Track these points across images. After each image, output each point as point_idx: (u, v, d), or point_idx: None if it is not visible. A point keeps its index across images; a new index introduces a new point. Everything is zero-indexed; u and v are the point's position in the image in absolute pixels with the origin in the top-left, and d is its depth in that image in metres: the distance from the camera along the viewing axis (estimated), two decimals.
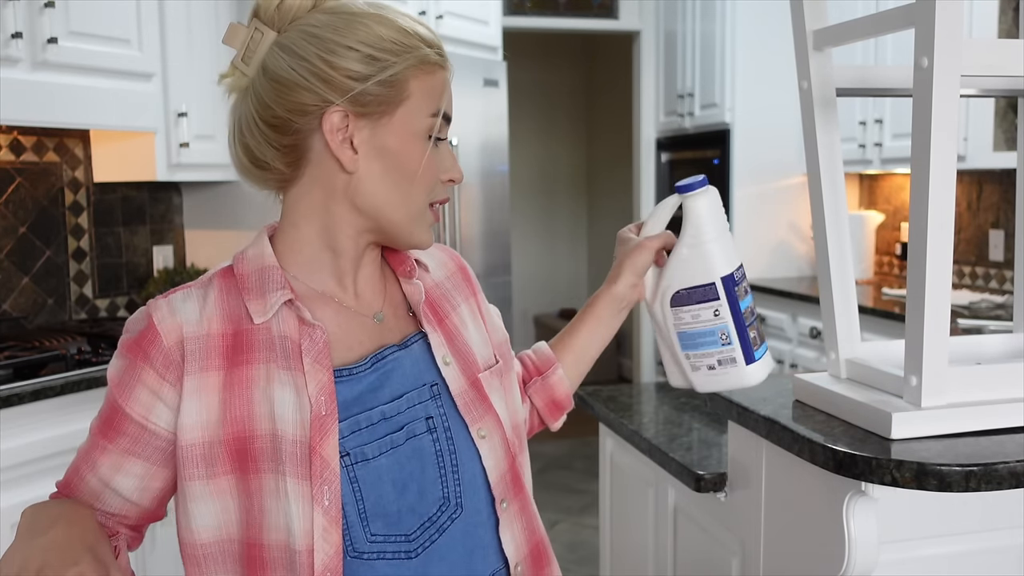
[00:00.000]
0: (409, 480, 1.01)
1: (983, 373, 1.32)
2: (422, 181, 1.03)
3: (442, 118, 1.04)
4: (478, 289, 1.22)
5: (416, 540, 1.00)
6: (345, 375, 1.01)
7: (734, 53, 4.58)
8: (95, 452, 1.04)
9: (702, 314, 1.27)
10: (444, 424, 1.05)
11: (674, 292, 1.28)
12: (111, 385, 1.03)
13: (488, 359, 1.14)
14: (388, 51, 0.99)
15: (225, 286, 1.04)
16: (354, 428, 0.99)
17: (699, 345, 1.29)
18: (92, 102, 2.76)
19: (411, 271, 1.11)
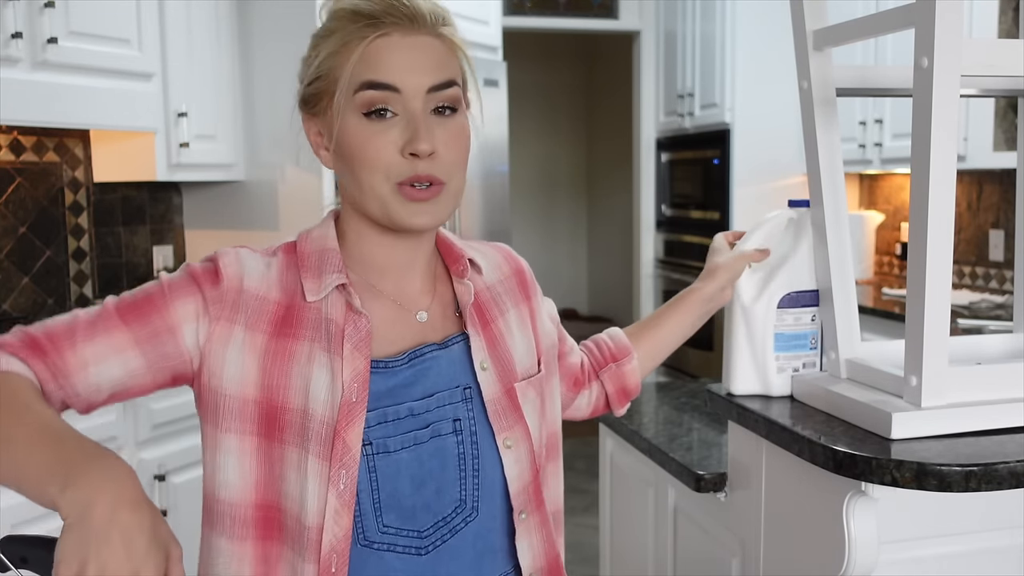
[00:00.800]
0: (428, 478, 1.01)
1: (983, 373, 1.32)
2: (371, 163, 0.98)
3: (379, 88, 0.97)
4: (534, 292, 1.19)
5: (428, 538, 1.01)
6: (381, 367, 1.01)
7: (734, 53, 4.58)
8: (103, 326, 0.98)
9: (803, 317, 1.46)
10: (471, 428, 1.04)
11: (784, 294, 1.44)
12: (161, 281, 1.01)
13: (529, 368, 1.12)
14: (315, 45, 1.03)
15: (287, 260, 1.05)
16: (380, 420, 1.00)
17: (793, 347, 1.46)
18: (92, 102, 2.76)
19: (463, 271, 1.10)
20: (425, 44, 0.99)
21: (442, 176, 1.00)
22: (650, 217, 5.46)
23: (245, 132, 3.37)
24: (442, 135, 0.99)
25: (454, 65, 1.02)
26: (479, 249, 1.17)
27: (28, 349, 0.96)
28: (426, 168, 0.98)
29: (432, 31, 1.00)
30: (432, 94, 0.99)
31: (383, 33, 0.98)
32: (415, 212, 0.99)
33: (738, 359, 1.48)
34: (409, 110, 0.98)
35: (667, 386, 2.37)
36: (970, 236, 3.96)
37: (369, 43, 0.97)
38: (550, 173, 7.40)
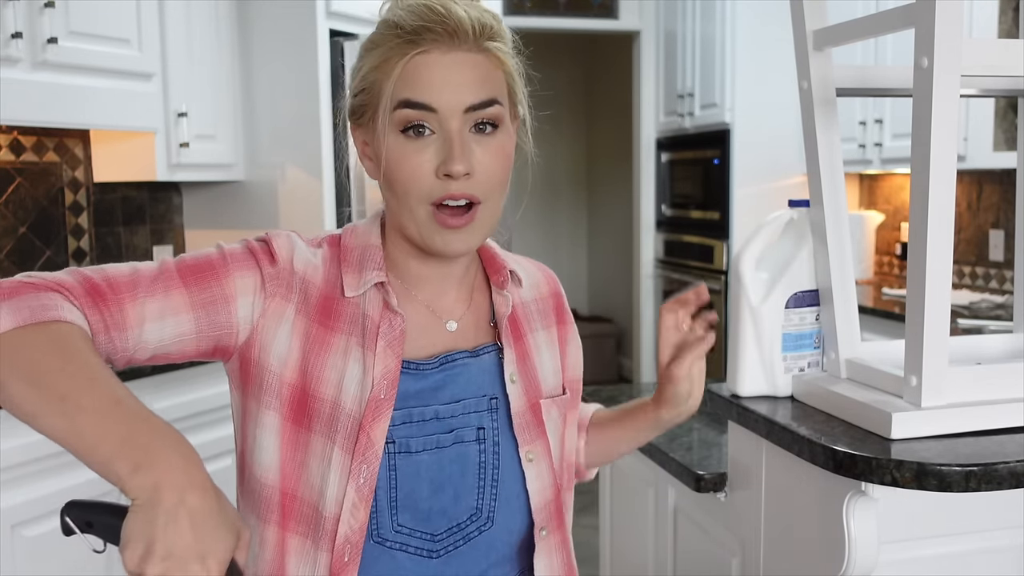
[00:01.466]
0: (446, 482, 1.02)
1: (983, 373, 1.32)
2: (406, 183, 0.97)
3: (415, 107, 0.95)
4: (567, 320, 1.18)
5: (441, 542, 1.02)
6: (412, 369, 1.03)
7: (734, 53, 4.58)
8: (164, 285, 0.95)
9: (808, 317, 1.47)
10: (495, 438, 1.05)
11: (792, 294, 1.46)
12: (223, 252, 1.00)
13: (554, 388, 1.13)
14: (361, 56, 1.01)
15: (330, 253, 1.06)
16: (405, 420, 1.01)
17: (799, 347, 1.47)
18: (92, 102, 2.76)
19: (503, 282, 1.09)
20: (465, 61, 0.97)
21: (479, 195, 0.98)
22: (650, 217, 5.46)
23: (245, 132, 3.37)
24: (480, 154, 0.98)
25: (498, 81, 1.00)
26: (521, 264, 1.17)
27: (88, 297, 0.91)
28: (460, 188, 0.96)
29: (475, 46, 0.97)
30: (471, 113, 0.97)
31: (423, 51, 0.96)
32: (449, 240, 0.99)
33: (745, 360, 1.48)
34: (446, 129, 0.96)
35: None
36: (970, 236, 3.96)
37: (408, 61, 0.96)
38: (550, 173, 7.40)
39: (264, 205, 3.38)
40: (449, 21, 0.95)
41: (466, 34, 0.96)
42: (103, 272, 0.95)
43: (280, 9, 3.24)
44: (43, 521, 2.35)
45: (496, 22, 1.01)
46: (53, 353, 0.84)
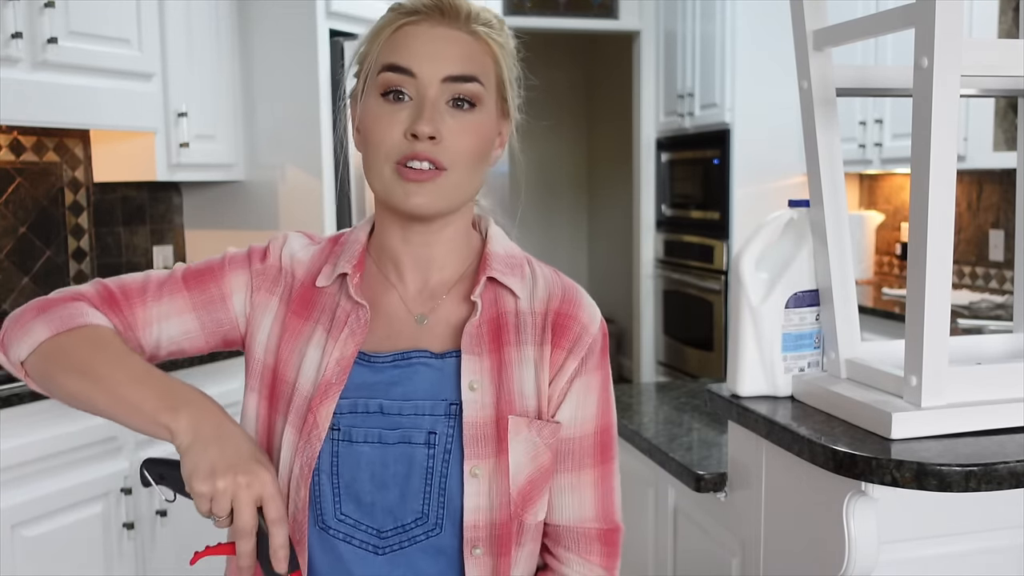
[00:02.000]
0: (391, 481, 1.02)
1: (983, 373, 1.33)
2: (377, 142, 1.00)
3: (396, 71, 1.00)
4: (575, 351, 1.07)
5: (387, 539, 1.02)
6: (365, 360, 1.05)
7: (734, 53, 4.58)
8: (169, 289, 1.09)
9: (808, 317, 1.47)
10: (447, 445, 1.02)
11: (792, 294, 1.46)
12: (225, 256, 1.12)
13: (533, 409, 1.05)
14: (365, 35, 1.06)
15: (327, 248, 1.13)
16: (351, 409, 1.03)
17: (799, 347, 1.47)
18: (92, 102, 2.76)
19: (475, 287, 1.06)
20: (452, 36, 1.01)
21: (444, 161, 0.99)
22: (650, 217, 5.46)
23: (245, 132, 3.37)
24: (453, 125, 1.00)
25: (483, 65, 1.02)
26: (537, 275, 1.11)
27: (106, 303, 1.07)
28: (425, 149, 0.98)
29: (464, 26, 1.02)
30: (448, 84, 1.00)
31: (411, 21, 1.01)
32: (410, 192, 1.00)
33: (745, 360, 1.48)
34: (422, 95, 0.99)
35: (667, 386, 2.37)
36: (970, 236, 3.96)
37: (396, 28, 1.01)
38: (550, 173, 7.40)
39: (264, 205, 3.38)
40: (445, 3, 1.01)
41: (457, 14, 1.01)
42: (120, 281, 1.10)
43: (280, 9, 3.24)
44: (43, 521, 2.35)
45: (496, 20, 1.05)
46: (87, 347, 1.01)
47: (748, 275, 1.49)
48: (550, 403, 1.06)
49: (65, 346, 1.01)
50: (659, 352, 5.47)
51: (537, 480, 1.05)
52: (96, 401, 0.99)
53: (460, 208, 1.06)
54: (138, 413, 0.97)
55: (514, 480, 1.02)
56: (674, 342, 5.24)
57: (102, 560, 2.49)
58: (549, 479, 1.07)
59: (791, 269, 1.46)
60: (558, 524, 1.10)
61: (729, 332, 1.53)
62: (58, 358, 1.01)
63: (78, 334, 1.01)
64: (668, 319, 5.30)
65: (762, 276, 1.48)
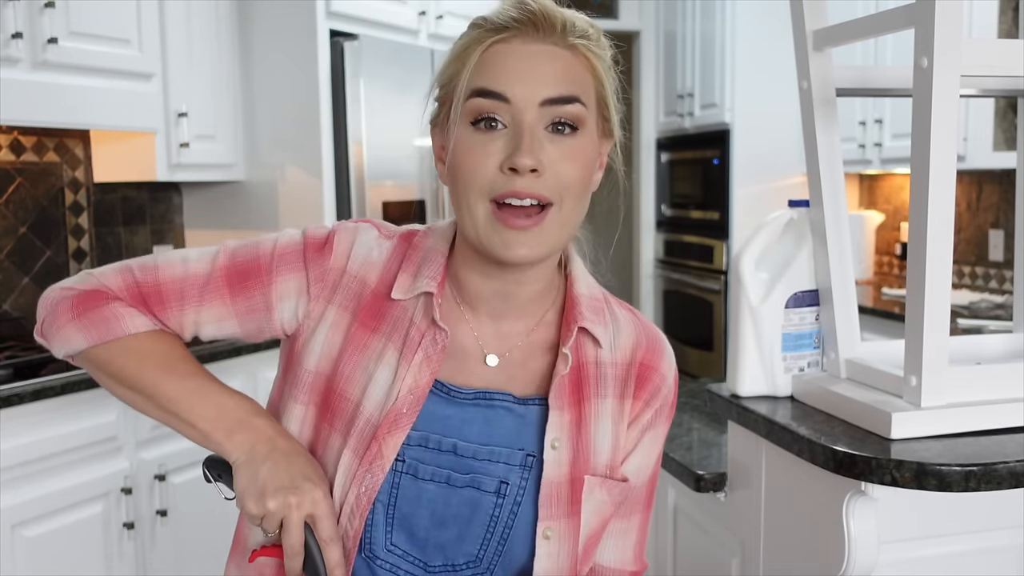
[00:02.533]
0: (451, 521, 0.97)
1: (983, 373, 1.32)
2: (468, 176, 0.89)
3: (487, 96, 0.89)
4: (652, 403, 1.03)
5: (434, 574, 0.98)
6: (443, 392, 0.97)
7: (734, 53, 4.58)
8: (211, 294, 1.00)
9: (808, 317, 1.47)
10: (517, 498, 0.97)
11: (792, 294, 1.46)
12: (276, 250, 1.01)
13: (606, 466, 1.01)
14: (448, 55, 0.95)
15: (398, 250, 1.01)
16: (422, 443, 0.96)
17: (799, 347, 1.48)
18: (92, 102, 2.76)
19: (567, 337, 0.98)
20: (548, 53, 0.90)
21: (548, 195, 0.89)
22: (650, 217, 5.46)
23: (245, 132, 3.37)
24: (553, 152, 0.89)
25: (583, 82, 0.92)
26: (617, 318, 1.05)
27: (141, 303, 1.00)
28: (526, 185, 0.88)
29: (561, 39, 0.91)
30: (547, 108, 0.89)
31: (502, 39, 0.90)
32: (510, 242, 0.89)
33: (745, 360, 1.48)
34: (518, 122, 0.89)
35: None
36: (970, 236, 3.96)
37: (485, 48, 0.90)
38: None
39: (264, 205, 3.37)
40: (537, 14, 0.90)
41: (552, 27, 0.90)
42: (156, 278, 1.00)
43: (280, 9, 3.24)
44: (43, 521, 2.35)
45: (594, 30, 0.94)
46: (132, 362, 0.98)
47: (748, 275, 1.49)
48: (621, 454, 1.03)
49: (108, 359, 0.99)
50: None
51: (597, 534, 1.03)
52: (148, 412, 1.00)
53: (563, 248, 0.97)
54: (192, 431, 0.97)
55: (582, 538, 0.99)
56: (674, 342, 5.22)
57: (102, 560, 2.49)
58: (604, 530, 1.04)
59: (791, 269, 1.46)
60: (597, 563, 1.07)
61: (729, 332, 1.53)
62: (102, 368, 1.00)
63: (119, 347, 0.98)
64: (668, 319, 5.30)
65: (762, 276, 1.48)
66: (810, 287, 1.47)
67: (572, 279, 1.02)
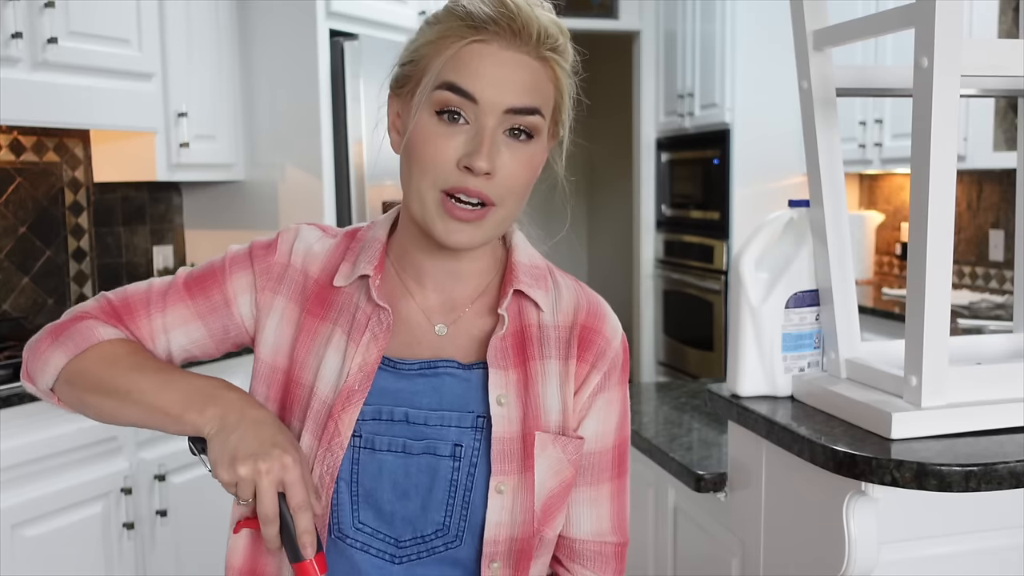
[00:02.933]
0: (413, 491, 1.00)
1: (983, 373, 1.33)
2: (425, 163, 0.94)
3: (457, 92, 0.93)
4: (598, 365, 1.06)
5: (405, 549, 1.00)
6: (391, 366, 1.02)
7: (734, 53, 4.58)
8: (172, 299, 1.07)
9: (808, 317, 1.47)
10: (472, 458, 1.00)
11: (792, 294, 1.46)
12: (226, 257, 1.08)
13: (558, 424, 1.03)
14: (420, 29, 1.00)
15: (343, 244, 1.07)
16: (375, 416, 1.01)
17: (799, 347, 1.47)
18: (92, 102, 2.76)
19: (502, 299, 1.03)
20: (520, 63, 0.95)
21: (493, 198, 0.95)
22: (650, 217, 5.46)
23: (245, 132, 3.37)
24: (507, 158, 0.95)
25: (546, 93, 0.97)
26: (560, 286, 1.09)
27: (112, 317, 1.06)
28: (477, 186, 0.94)
29: (534, 51, 0.95)
30: (510, 115, 0.94)
31: (482, 39, 0.94)
32: (452, 230, 0.95)
33: (745, 360, 1.48)
34: (481, 124, 0.94)
35: (667, 386, 2.37)
36: (970, 236, 3.96)
37: (464, 45, 0.94)
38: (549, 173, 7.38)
39: (264, 205, 3.37)
40: (517, 19, 0.94)
41: (529, 36, 0.95)
42: (123, 293, 1.08)
43: (280, 9, 3.24)
44: (43, 521, 2.35)
45: (563, 37, 0.98)
46: (105, 366, 1.01)
47: (748, 275, 1.49)
48: (573, 417, 1.05)
49: (84, 368, 1.01)
50: (659, 352, 5.46)
51: (559, 495, 1.04)
52: (127, 416, 1.01)
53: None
54: (168, 418, 0.98)
55: (538, 496, 1.02)
56: (674, 342, 5.24)
57: (102, 560, 2.49)
58: (569, 493, 1.07)
59: (791, 269, 1.46)
60: (575, 538, 1.09)
61: (729, 332, 1.53)
62: (81, 381, 1.02)
63: (93, 353, 1.02)
64: (668, 319, 5.30)
65: (762, 276, 1.48)
66: (810, 287, 1.47)
67: (512, 249, 1.08)
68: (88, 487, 2.45)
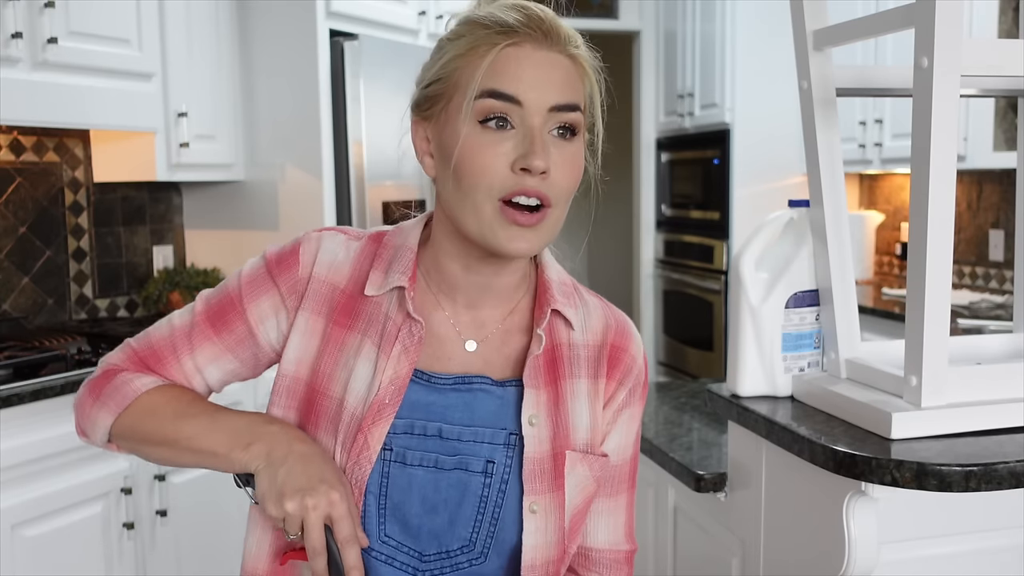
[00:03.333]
0: (442, 506, 1.00)
1: (983, 373, 1.32)
2: (478, 173, 0.92)
3: (501, 98, 0.92)
4: (622, 384, 1.08)
5: (429, 563, 1.00)
6: (424, 379, 1.01)
7: (734, 53, 4.58)
8: (198, 338, 1.06)
9: (808, 317, 1.47)
10: (504, 475, 1.00)
11: (792, 294, 1.46)
12: (241, 280, 1.06)
13: (585, 443, 1.05)
14: (440, 47, 0.99)
15: (368, 250, 1.05)
16: (407, 430, 0.99)
17: (799, 347, 1.47)
18: (92, 102, 2.76)
19: (540, 319, 1.03)
20: (555, 61, 0.95)
21: (551, 197, 0.94)
22: (650, 217, 5.46)
23: (245, 132, 3.37)
24: (558, 157, 0.94)
25: (581, 90, 0.98)
26: (587, 303, 1.09)
27: (141, 367, 1.06)
28: (536, 185, 0.93)
29: (565, 50, 0.96)
30: (554, 113, 0.94)
31: (514, 43, 0.94)
32: (514, 237, 0.94)
33: (745, 360, 1.48)
34: (528, 125, 0.93)
35: (667, 386, 2.37)
36: (970, 236, 3.96)
37: (500, 50, 0.93)
38: None
39: (264, 205, 3.37)
40: (545, 22, 0.95)
41: (558, 36, 0.96)
42: (148, 342, 1.07)
43: (280, 9, 3.24)
44: (43, 521, 2.35)
45: (582, 40, 1.00)
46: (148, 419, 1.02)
47: (748, 275, 1.49)
48: (599, 434, 1.07)
49: (131, 424, 1.03)
50: (659, 352, 5.46)
51: (583, 511, 1.06)
52: (182, 460, 1.02)
53: None
54: (216, 459, 0.98)
55: (567, 514, 1.03)
56: (674, 342, 5.24)
57: (102, 560, 2.49)
58: (589, 508, 1.08)
59: (791, 269, 1.46)
60: (592, 547, 1.11)
61: (729, 332, 1.53)
62: (132, 435, 1.04)
63: (136, 408, 1.03)
64: (668, 319, 5.30)
65: (762, 276, 1.48)
66: (810, 287, 1.47)
67: (543, 266, 1.07)
68: (88, 487, 2.45)
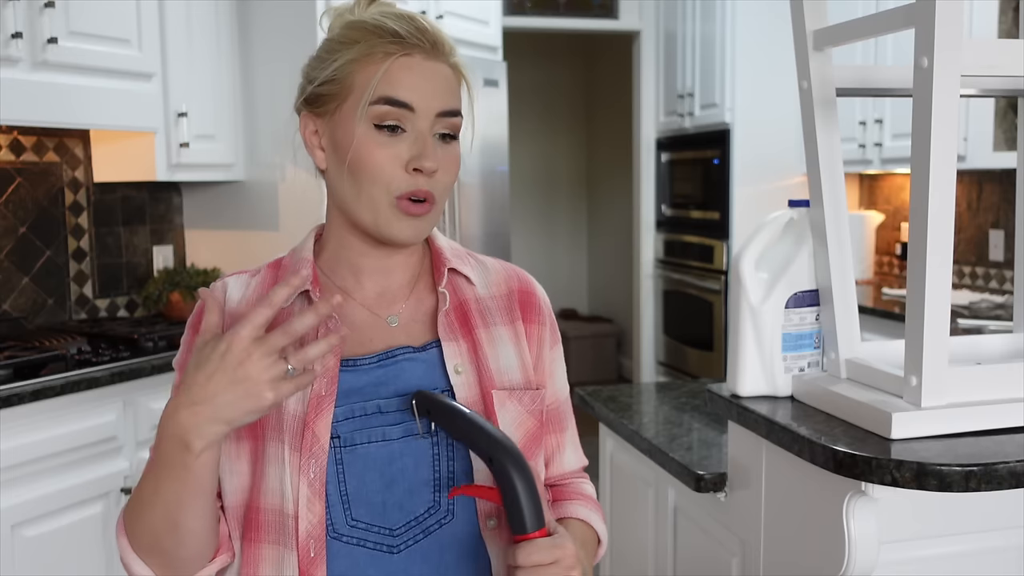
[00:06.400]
0: (399, 476, 1.04)
1: (983, 373, 1.33)
2: (375, 173, 1.03)
3: (396, 105, 1.02)
4: (539, 321, 1.17)
5: (400, 536, 1.03)
6: (350, 365, 1.06)
7: (734, 53, 4.58)
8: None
9: (808, 317, 1.47)
10: None
11: (792, 294, 1.46)
12: (178, 362, 1.11)
13: (513, 382, 1.11)
14: (333, 49, 1.06)
15: (270, 275, 1.14)
16: (348, 415, 1.04)
17: (799, 347, 1.47)
18: (92, 102, 2.76)
19: (440, 280, 1.13)
20: (440, 71, 1.06)
21: (436, 195, 1.06)
22: (650, 217, 5.46)
23: (245, 132, 3.37)
24: (442, 158, 1.05)
25: (459, 96, 1.09)
26: (484, 263, 1.19)
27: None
28: (426, 184, 1.04)
29: (446, 60, 1.07)
30: (440, 119, 1.05)
31: (407, 53, 1.04)
32: (406, 227, 1.05)
33: (745, 360, 1.48)
34: (418, 129, 1.04)
35: (667, 386, 2.37)
36: (970, 236, 3.96)
37: (394, 60, 1.03)
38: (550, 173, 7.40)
39: (264, 205, 3.37)
40: (429, 34, 1.05)
41: (442, 47, 1.07)
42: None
43: (280, 9, 3.24)
44: (43, 521, 2.35)
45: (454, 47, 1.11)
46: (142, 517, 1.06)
47: (748, 275, 1.49)
48: (538, 373, 1.15)
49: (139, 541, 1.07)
50: (659, 352, 5.47)
51: (527, 445, 1.11)
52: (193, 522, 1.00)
53: None
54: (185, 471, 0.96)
55: None
56: (674, 342, 5.24)
57: (102, 560, 2.49)
58: (538, 443, 1.13)
59: (791, 269, 1.46)
60: (567, 473, 1.22)
61: (729, 332, 1.53)
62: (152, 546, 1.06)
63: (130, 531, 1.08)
64: (668, 319, 5.30)
65: (762, 276, 1.48)
66: (810, 287, 1.47)
67: (432, 237, 1.17)
68: (88, 487, 2.45)
